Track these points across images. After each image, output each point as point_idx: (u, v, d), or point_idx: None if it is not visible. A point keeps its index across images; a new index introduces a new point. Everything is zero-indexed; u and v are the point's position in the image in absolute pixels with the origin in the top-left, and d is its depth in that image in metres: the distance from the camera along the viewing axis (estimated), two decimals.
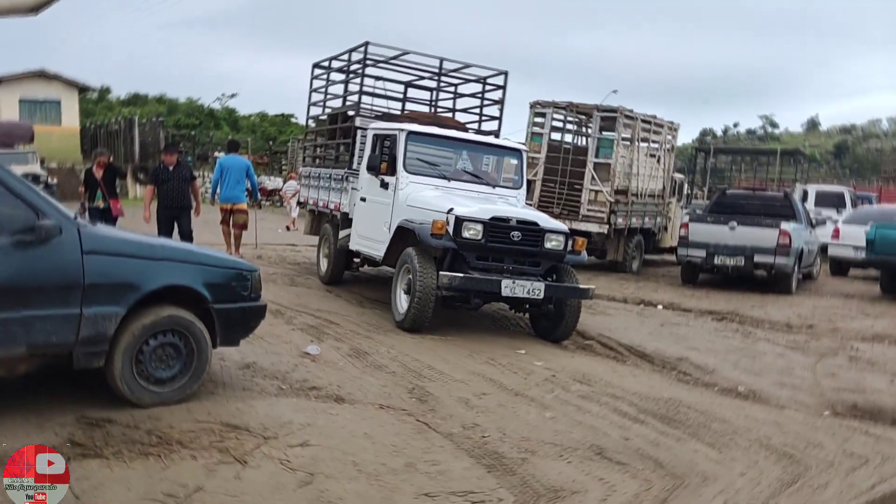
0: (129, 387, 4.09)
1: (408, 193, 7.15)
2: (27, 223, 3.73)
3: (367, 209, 7.89)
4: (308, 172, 10.73)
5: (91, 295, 3.87)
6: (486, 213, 6.54)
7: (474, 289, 6.43)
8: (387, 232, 7.23)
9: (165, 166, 9.49)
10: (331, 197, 9.23)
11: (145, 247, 4.17)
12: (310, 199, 10.35)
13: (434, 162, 7.78)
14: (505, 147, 8.53)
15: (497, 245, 6.48)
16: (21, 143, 23.13)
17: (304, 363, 5.47)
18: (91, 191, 9.26)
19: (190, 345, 4.30)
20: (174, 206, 9.34)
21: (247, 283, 4.53)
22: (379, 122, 8.51)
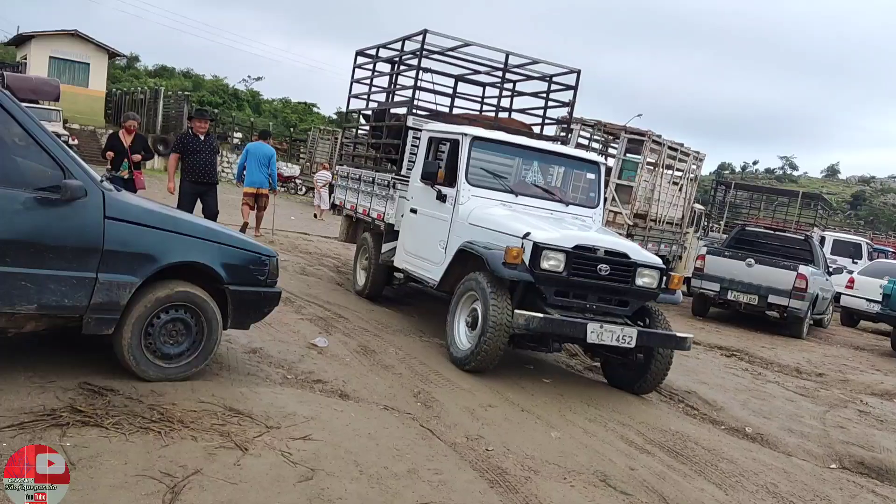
0: (136, 359, 4.01)
1: (470, 209, 6.13)
2: (53, 180, 3.67)
3: (419, 223, 6.83)
4: (347, 173, 9.39)
5: (108, 261, 3.80)
6: (568, 240, 5.45)
7: (555, 332, 5.38)
8: (441, 252, 6.27)
9: (195, 134, 8.43)
10: (373, 204, 8.06)
11: (168, 219, 4.10)
12: (347, 203, 9.14)
13: (501, 173, 6.75)
14: (583, 159, 7.27)
15: (581, 279, 5.41)
16: (47, 100, 23.18)
17: (311, 355, 5.39)
18: (117, 158, 8.29)
19: (201, 323, 4.23)
20: (201, 182, 8.38)
21: (264, 267, 4.46)
22: (436, 124, 7.35)
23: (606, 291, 5.56)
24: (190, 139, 8.40)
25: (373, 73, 9.43)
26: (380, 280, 7.81)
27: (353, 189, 8.95)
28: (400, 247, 7.17)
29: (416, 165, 6.99)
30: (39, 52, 27.68)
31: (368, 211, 8.18)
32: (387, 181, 7.70)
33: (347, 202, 9.13)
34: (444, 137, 6.82)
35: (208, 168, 8.38)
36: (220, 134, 33.28)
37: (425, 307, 8.21)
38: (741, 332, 10.75)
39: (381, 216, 7.73)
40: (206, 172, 8.36)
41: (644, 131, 11.88)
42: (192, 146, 8.30)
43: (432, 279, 6.43)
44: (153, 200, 4.80)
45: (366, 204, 8.31)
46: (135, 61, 49.41)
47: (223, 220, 9.90)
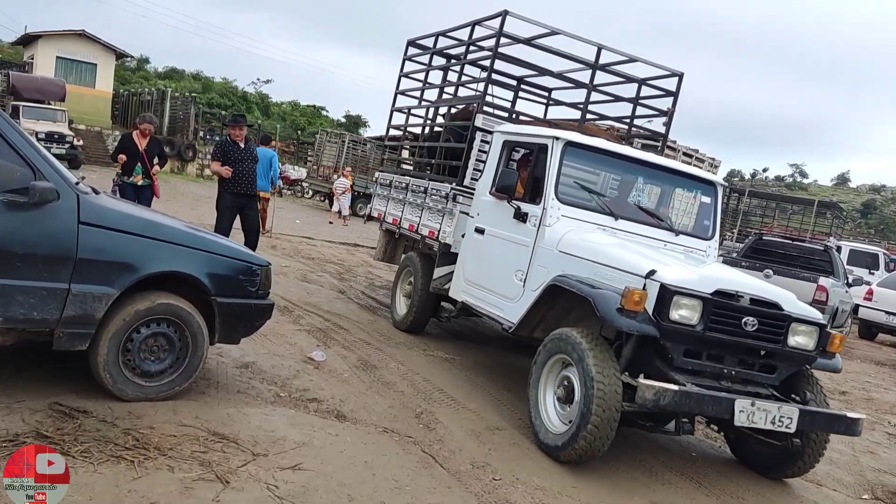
0: (113, 376, 3.69)
1: (561, 233, 4.87)
2: (22, 182, 3.35)
3: (487, 246, 5.58)
4: (389, 180, 8.00)
5: (82, 270, 3.48)
6: (706, 282, 4.17)
7: (692, 411, 4.00)
8: (518, 285, 5.07)
9: (234, 142, 7.49)
10: (424, 218, 6.82)
11: (149, 225, 3.77)
12: (388, 216, 7.77)
13: (598, 190, 5.51)
14: (698, 178, 5.74)
15: (719, 336, 4.07)
16: (53, 100, 23.08)
17: (307, 370, 5.05)
18: (130, 162, 7.51)
19: (185, 338, 3.90)
20: (243, 194, 7.39)
21: (255, 278, 4.12)
22: (512, 125, 6.21)
23: (750, 353, 4.26)
24: (230, 147, 7.48)
25: (429, 66, 8.09)
26: (426, 311, 6.63)
27: (397, 200, 7.62)
28: (459, 273, 5.94)
29: (485, 175, 5.81)
30: (46, 52, 27.54)
31: (417, 227, 6.90)
32: (445, 193, 6.44)
33: (389, 215, 7.74)
34: (525, 142, 5.66)
35: (249, 178, 7.47)
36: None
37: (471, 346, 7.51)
38: None
39: (433, 234, 6.50)
40: (247, 183, 7.43)
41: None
42: (232, 154, 7.40)
43: (506, 320, 5.13)
44: (134, 203, 4.49)
45: (413, 218, 7.04)
46: (144, 63, 49.43)
47: None
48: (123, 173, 7.52)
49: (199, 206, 17.18)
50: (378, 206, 8.20)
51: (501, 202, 5.39)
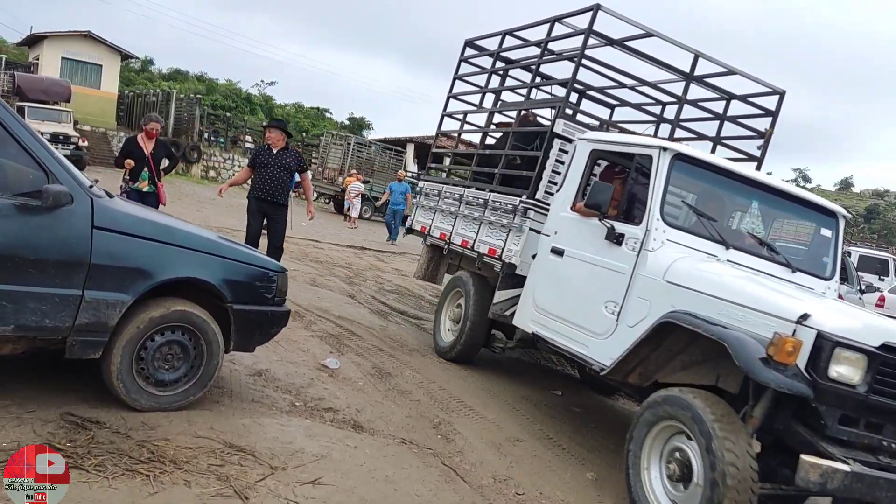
0: (126, 386, 3.57)
1: (669, 260, 4.12)
2: (35, 185, 3.24)
3: (568, 270, 4.82)
4: (437, 190, 7.24)
5: (96, 277, 3.37)
6: (871, 332, 3.39)
7: (861, 497, 3.20)
8: (609, 318, 4.30)
9: (268, 147, 7.20)
10: (482, 234, 6.05)
11: (164, 230, 3.66)
12: (434, 230, 7.00)
13: (709, 213, 4.56)
14: (819, 207, 4.88)
15: (886, 401, 3.34)
16: (58, 101, 23.00)
17: (322, 378, 4.94)
18: (137, 167, 7.04)
19: (200, 346, 3.78)
20: (266, 199, 7.09)
21: (272, 284, 4.01)
22: (601, 133, 5.52)
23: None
24: (262, 153, 7.23)
25: (492, 69, 7.42)
26: (477, 339, 5.91)
27: (446, 212, 6.85)
28: (527, 300, 5.19)
29: (566, 188, 5.09)
30: (52, 53, 27.47)
31: (472, 243, 6.15)
32: (512, 206, 5.67)
33: (435, 228, 6.99)
34: (621, 153, 4.94)
35: (275, 185, 7.07)
36: (232, 137, 33.02)
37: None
38: None
39: (495, 252, 5.74)
40: (272, 189, 7.06)
41: None
42: (261, 160, 7.15)
43: (594, 359, 4.33)
44: (148, 208, 4.38)
45: (468, 234, 6.30)
46: (149, 64, 49.32)
47: (235, 226, 9.48)
48: (130, 179, 7.09)
49: (203, 208, 17.10)
50: (421, 218, 7.40)
51: (587, 220, 4.68)
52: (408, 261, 13.56)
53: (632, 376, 4.12)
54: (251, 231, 7.15)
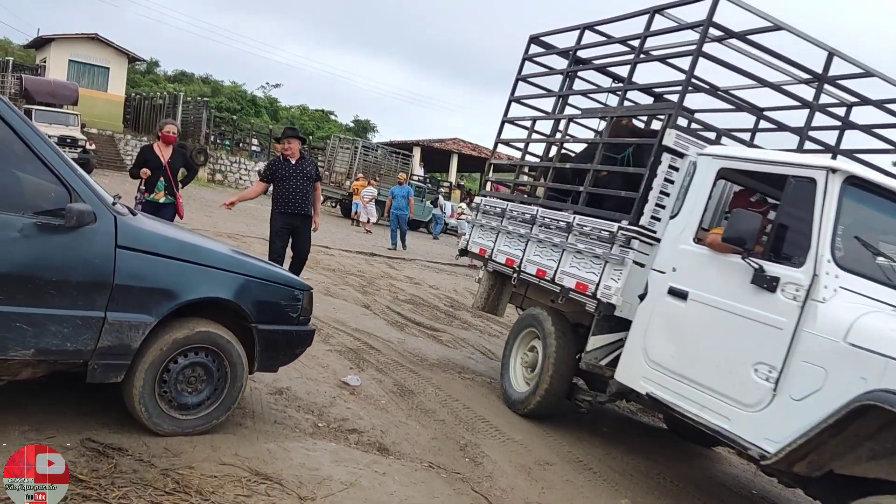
0: (148, 410, 3.44)
1: (849, 316, 3.25)
2: (57, 203, 3.12)
3: (694, 318, 3.96)
4: (500, 208, 6.17)
5: (119, 298, 3.24)
6: None
7: None
8: (763, 386, 3.45)
9: (285, 159, 6.88)
10: (565, 264, 5.07)
11: (188, 248, 3.53)
12: (498, 254, 6.00)
13: (892, 253, 3.67)
14: None
15: None
16: (65, 103, 22.96)
17: (343, 396, 4.80)
18: (153, 176, 6.53)
19: (224, 368, 3.65)
20: (294, 213, 6.81)
21: (297, 303, 3.88)
22: (734, 148, 4.79)
23: None
24: (279, 164, 6.89)
25: (568, 70, 6.36)
26: (559, 391, 4.97)
27: (514, 234, 5.84)
28: (636, 351, 4.28)
29: (687, 214, 4.25)
30: (59, 56, 27.44)
31: (553, 275, 5.14)
32: (608, 233, 4.69)
33: (499, 253, 5.99)
34: (762, 172, 4.08)
35: (300, 197, 6.79)
36: (237, 140, 32.91)
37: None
38: None
39: (585, 288, 4.75)
40: (296, 201, 6.78)
41: None
42: (281, 172, 6.81)
43: (748, 441, 3.45)
44: (170, 223, 4.25)
45: (546, 262, 5.29)
46: (154, 66, 49.33)
47: (254, 231, 9.35)
48: (146, 190, 6.57)
49: (212, 213, 16.98)
50: (480, 239, 6.38)
51: (721, 256, 3.84)
52: (419, 267, 13.43)
53: (799, 465, 3.26)
54: (277, 248, 6.86)
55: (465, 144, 38.61)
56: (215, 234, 12.18)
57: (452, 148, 37.52)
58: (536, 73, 6.69)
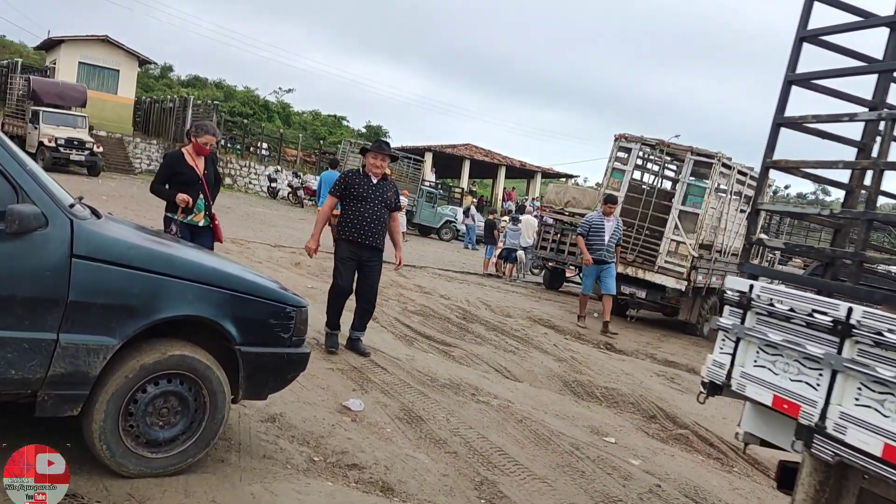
0: (111, 448, 2.94)
1: None
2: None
3: None
4: (810, 305, 2.81)
5: (75, 316, 2.75)
6: None
7: None
8: None
9: (365, 174, 5.68)
10: None
11: (160, 258, 3.03)
12: (841, 419, 2.59)
13: None
14: None
15: None
16: (74, 105, 22.66)
17: (343, 423, 4.28)
18: (189, 193, 5.27)
19: (201, 397, 3.15)
20: (363, 244, 5.62)
21: (289, 322, 3.37)
22: None
23: None
24: (357, 179, 5.65)
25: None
26: None
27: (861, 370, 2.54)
28: None
29: None
30: (69, 57, 27.19)
31: None
32: None
33: (847, 422, 2.58)
34: None
35: (375, 225, 5.61)
36: (247, 144, 32.56)
37: None
38: None
39: None
40: (370, 230, 5.59)
41: (713, 153, 10.68)
42: (357, 190, 5.59)
43: None
44: (149, 231, 3.73)
45: None
46: (168, 71, 49.25)
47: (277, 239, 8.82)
48: (178, 210, 5.25)
49: (220, 217, 16.54)
50: (761, 376, 3.02)
51: None
52: (429, 276, 12.91)
53: None
54: (342, 283, 5.71)
55: (477, 150, 38.16)
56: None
57: (464, 153, 37.07)
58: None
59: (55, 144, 20.24)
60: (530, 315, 10.11)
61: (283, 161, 32.30)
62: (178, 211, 5.22)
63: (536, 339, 8.23)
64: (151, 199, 6.10)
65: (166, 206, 5.37)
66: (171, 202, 5.28)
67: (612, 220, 9.62)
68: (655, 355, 8.98)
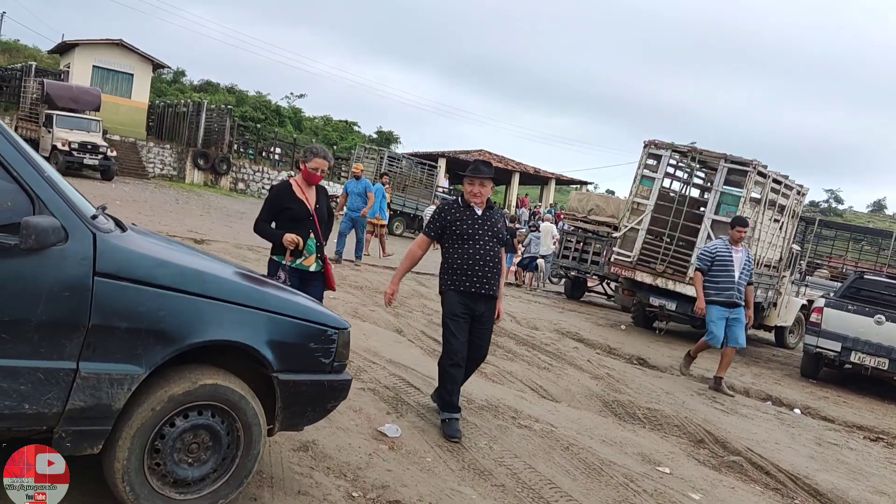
0: (135, 489, 2.61)
1: None
2: (12, 216, 2.31)
3: None
4: None
5: (97, 342, 2.43)
6: None
7: None
8: None
9: (467, 205, 4.59)
10: None
11: (193, 276, 2.71)
12: None
13: None
14: None
15: None
16: (87, 109, 22.50)
17: (381, 452, 3.95)
18: (298, 232, 4.49)
19: (235, 431, 2.82)
20: (480, 294, 4.49)
21: (330, 346, 3.04)
22: None
23: None
24: (458, 213, 4.57)
25: None
26: None
27: None
28: None
29: None
30: (83, 61, 27.06)
31: None
32: None
33: None
34: None
35: (488, 265, 4.48)
36: (261, 149, 32.35)
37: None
38: (869, 403, 9.01)
39: None
40: (485, 275, 4.47)
41: (749, 161, 10.29)
42: (460, 227, 4.51)
43: None
44: (172, 242, 3.40)
45: None
46: (181, 76, 49.21)
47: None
48: (286, 253, 4.48)
49: (233, 223, 16.32)
50: None
51: None
52: None
53: None
54: (458, 348, 4.49)
55: (491, 156, 37.84)
56: (235, 247, 11.44)
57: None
58: None
59: (69, 148, 20.06)
60: (558, 328, 9.75)
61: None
62: (287, 254, 4.43)
63: (568, 355, 7.87)
64: (165, 205, 5.85)
65: (272, 247, 4.59)
66: (277, 243, 4.49)
67: (740, 251, 7.65)
68: (691, 371, 8.60)
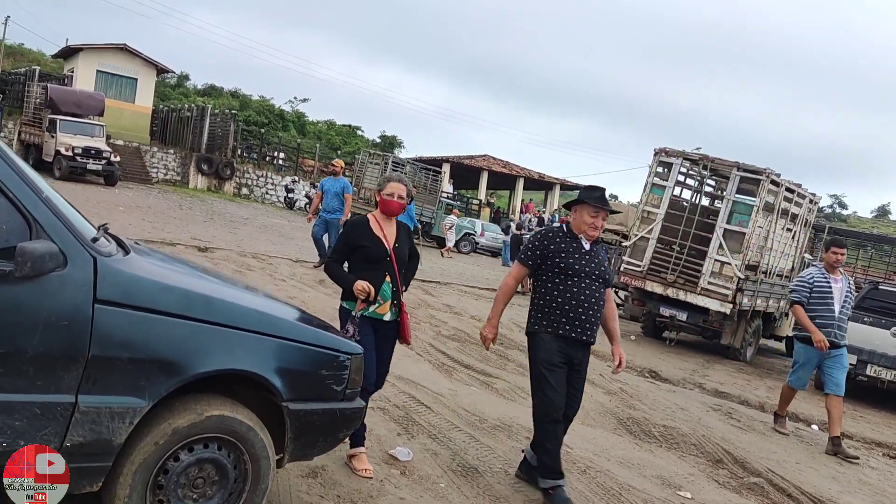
0: None
1: None
2: (8, 240, 2.17)
3: None
4: None
5: (97, 374, 2.28)
6: None
7: None
8: None
9: (573, 235, 3.97)
10: None
11: (199, 301, 2.56)
12: None
13: None
14: None
15: None
16: (91, 114, 22.42)
17: (393, 477, 3.79)
18: (373, 275, 3.71)
19: (242, 464, 2.67)
20: (580, 341, 3.87)
21: (343, 373, 2.89)
22: None
23: None
24: (563, 244, 3.94)
25: None
26: None
27: None
28: None
29: None
30: (87, 66, 26.99)
31: None
32: None
33: None
34: None
35: (592, 311, 3.87)
36: (265, 153, 32.24)
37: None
38: (886, 417, 8.84)
39: None
40: (587, 320, 3.85)
41: (762, 169, 10.13)
42: (565, 260, 3.88)
43: None
44: (177, 262, 3.24)
45: None
46: (184, 80, 49.21)
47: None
48: (356, 299, 3.70)
49: (237, 230, 16.17)
50: None
51: None
52: (456, 293, 12.41)
53: None
54: (556, 401, 3.83)
55: (495, 161, 37.74)
56: (239, 255, 11.29)
57: (482, 165, 36.65)
58: None
59: (72, 153, 19.97)
60: None
61: (300, 171, 32.01)
62: (358, 302, 3.71)
63: None
64: (169, 210, 5.77)
65: (342, 292, 3.87)
66: (347, 290, 3.76)
67: (840, 280, 6.38)
68: (704, 384, 8.43)
